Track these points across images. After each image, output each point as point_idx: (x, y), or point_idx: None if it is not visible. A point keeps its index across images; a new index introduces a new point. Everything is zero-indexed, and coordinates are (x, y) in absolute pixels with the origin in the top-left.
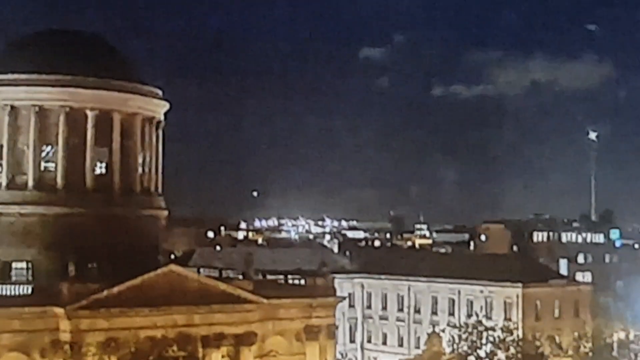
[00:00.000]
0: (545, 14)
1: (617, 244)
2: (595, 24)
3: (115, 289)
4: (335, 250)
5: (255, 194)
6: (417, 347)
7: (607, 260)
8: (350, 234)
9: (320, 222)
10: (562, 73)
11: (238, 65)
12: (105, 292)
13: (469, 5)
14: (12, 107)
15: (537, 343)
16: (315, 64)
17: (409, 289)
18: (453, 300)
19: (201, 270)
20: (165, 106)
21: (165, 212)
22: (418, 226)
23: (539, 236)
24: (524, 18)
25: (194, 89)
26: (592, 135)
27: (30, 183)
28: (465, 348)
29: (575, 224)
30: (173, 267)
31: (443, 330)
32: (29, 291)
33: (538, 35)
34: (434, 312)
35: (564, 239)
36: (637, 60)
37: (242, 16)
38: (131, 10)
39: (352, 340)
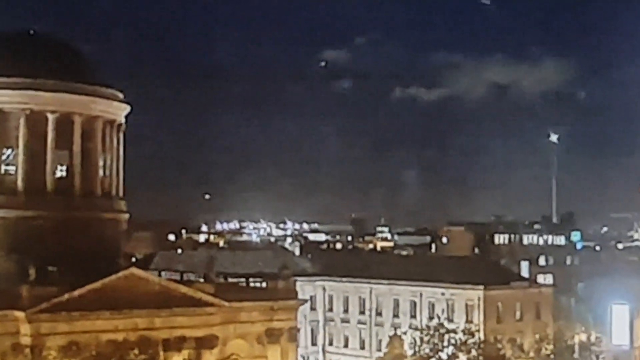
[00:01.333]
0: (505, 17)
1: (579, 246)
2: (555, 26)
3: (76, 292)
4: (297, 253)
5: (207, 197)
6: (379, 350)
7: (568, 262)
8: (312, 237)
9: (281, 225)
10: (523, 75)
11: (199, 68)
12: (66, 296)
13: (429, 8)
14: None
15: (499, 345)
16: (277, 67)
17: (370, 292)
18: (415, 303)
19: (162, 273)
20: (126, 109)
21: (126, 215)
22: (379, 229)
23: (500, 238)
24: (484, 21)
25: (156, 92)
26: (553, 138)
27: None
28: (427, 350)
29: (536, 226)
30: (134, 270)
31: (405, 333)
32: None
33: (498, 37)
34: (396, 315)
35: (525, 241)
36: (598, 62)
37: (204, 18)
38: (92, 12)
39: (313, 343)
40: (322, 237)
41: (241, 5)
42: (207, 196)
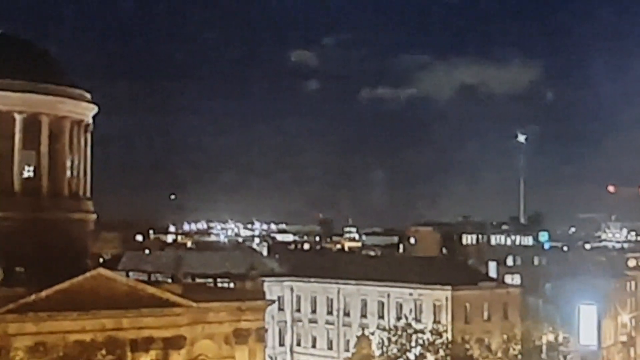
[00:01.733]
0: (473, 18)
1: (546, 246)
2: (522, 27)
3: (44, 293)
4: (265, 253)
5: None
6: (347, 350)
7: (536, 262)
8: (280, 237)
9: (249, 226)
10: (491, 76)
11: (167, 68)
12: (33, 296)
13: (398, 8)
14: None
15: (467, 346)
16: (245, 67)
17: (338, 292)
18: (382, 303)
19: (130, 273)
20: (94, 109)
21: (94, 216)
22: (347, 229)
23: (468, 239)
24: (452, 22)
25: (123, 92)
26: (521, 138)
27: None
28: (394, 351)
29: (504, 227)
30: (102, 270)
31: (372, 333)
32: None
33: (466, 38)
34: (364, 315)
35: (493, 242)
36: (565, 63)
37: (172, 18)
38: (59, 12)
39: (281, 344)
40: (289, 237)
41: (209, 5)
42: (172, 197)
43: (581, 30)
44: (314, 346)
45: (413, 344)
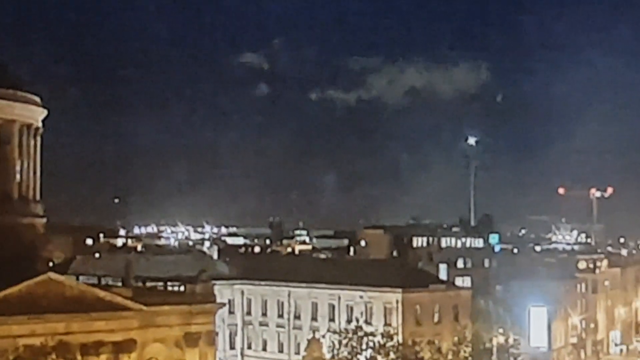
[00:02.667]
0: (422, 20)
1: (496, 248)
2: (472, 29)
3: None
4: (215, 256)
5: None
6: (297, 353)
7: (486, 264)
8: (230, 241)
9: (199, 229)
10: (441, 79)
11: (116, 71)
12: None
13: (348, 11)
14: None
15: (417, 348)
16: (193, 69)
17: (289, 295)
18: (333, 306)
19: (80, 277)
20: (44, 113)
21: (44, 220)
22: (298, 232)
23: (418, 241)
24: (402, 24)
25: (72, 95)
26: (471, 141)
27: None
28: (345, 354)
29: (454, 229)
30: (52, 274)
31: (323, 336)
32: None
33: (416, 41)
34: (314, 318)
35: (443, 244)
36: (515, 65)
37: (120, 21)
38: (7, 15)
39: (232, 347)
40: (240, 240)
41: (157, 7)
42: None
43: (530, 32)
44: (264, 349)
45: (364, 346)
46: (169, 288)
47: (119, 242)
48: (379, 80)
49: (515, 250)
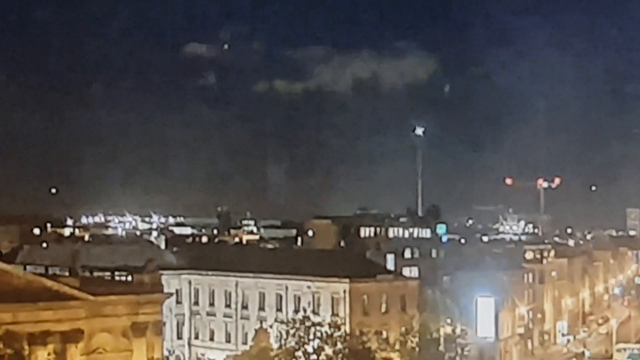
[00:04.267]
0: (368, 11)
1: (444, 239)
2: (419, 20)
3: None
4: (162, 246)
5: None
6: (245, 343)
7: (433, 255)
8: (178, 230)
9: (147, 219)
10: (388, 70)
11: (61, 61)
12: None
13: (295, 1)
14: None
15: (364, 338)
16: (139, 60)
17: (236, 285)
18: (280, 296)
19: (27, 267)
20: None
21: None
22: (245, 222)
23: (366, 231)
24: (349, 14)
25: (16, 86)
26: (419, 131)
27: None
28: (292, 344)
29: (402, 219)
30: None
31: (271, 326)
32: None
33: (363, 31)
34: (262, 308)
35: (391, 234)
36: (462, 56)
37: (65, 11)
38: None
39: (179, 337)
40: (187, 230)
41: None
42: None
43: (477, 24)
44: (212, 339)
45: (311, 336)
46: (117, 278)
47: (67, 231)
48: (326, 70)
49: (463, 241)
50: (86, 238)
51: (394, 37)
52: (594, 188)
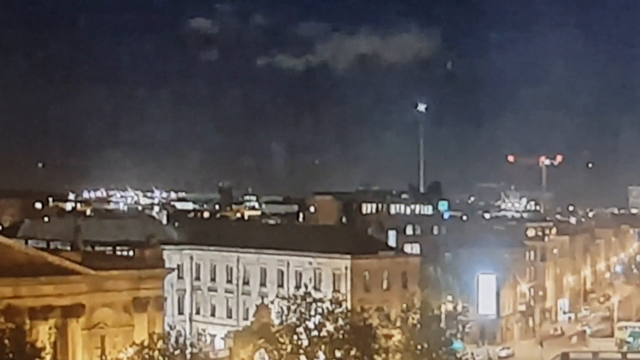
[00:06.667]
0: None
1: (445, 215)
2: None
3: None
4: (164, 221)
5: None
6: (246, 319)
7: (435, 232)
8: (179, 205)
9: (148, 194)
10: (390, 46)
11: (62, 35)
12: None
13: None
14: None
15: (366, 315)
16: (139, 35)
17: (237, 261)
18: (282, 272)
19: (29, 241)
20: None
21: None
22: (247, 197)
23: (367, 208)
24: None
25: (20, 61)
26: (421, 107)
27: None
28: (294, 320)
29: (404, 196)
30: (0, 238)
31: (272, 302)
32: None
33: (365, 7)
34: (263, 284)
35: (392, 211)
36: (463, 31)
37: None
38: None
39: (180, 312)
40: (189, 205)
41: None
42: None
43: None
44: (213, 315)
45: (312, 312)
46: (118, 253)
47: (68, 206)
48: (328, 46)
49: (465, 218)
50: (88, 212)
51: (397, 12)
52: (590, 165)
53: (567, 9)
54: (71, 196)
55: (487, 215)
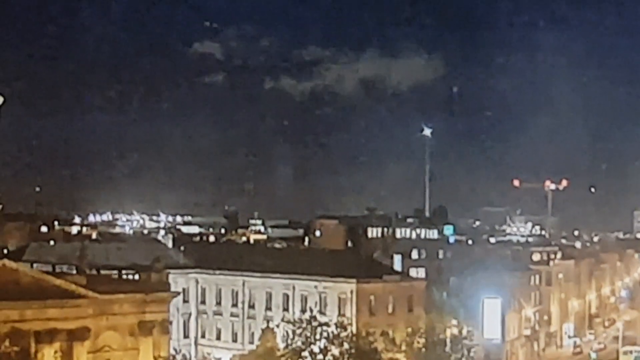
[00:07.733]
0: (376, 11)
1: (451, 239)
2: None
3: None
4: (170, 245)
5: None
6: (251, 343)
7: (440, 256)
8: (185, 229)
9: (154, 217)
10: (395, 70)
11: (68, 59)
12: None
13: (302, 0)
14: None
15: (371, 339)
16: (146, 59)
17: (243, 284)
18: (287, 296)
19: (34, 265)
20: None
21: None
22: (253, 221)
23: (373, 232)
24: (356, 14)
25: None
26: (427, 132)
27: None
28: (299, 343)
29: (409, 220)
30: (6, 262)
31: (277, 326)
32: None
33: (370, 32)
34: (268, 308)
35: (398, 235)
36: (469, 56)
37: (72, 9)
38: None
39: (186, 336)
40: (195, 229)
41: None
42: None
43: (486, 25)
44: (218, 338)
45: (318, 336)
46: (124, 276)
47: (74, 229)
48: (334, 70)
49: (470, 242)
50: (94, 236)
51: (402, 37)
52: (593, 190)
53: (573, 34)
54: (77, 220)
55: (492, 240)
